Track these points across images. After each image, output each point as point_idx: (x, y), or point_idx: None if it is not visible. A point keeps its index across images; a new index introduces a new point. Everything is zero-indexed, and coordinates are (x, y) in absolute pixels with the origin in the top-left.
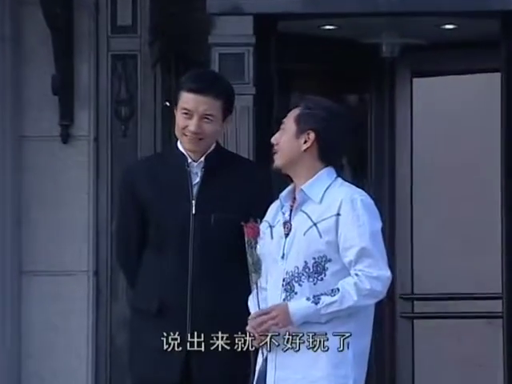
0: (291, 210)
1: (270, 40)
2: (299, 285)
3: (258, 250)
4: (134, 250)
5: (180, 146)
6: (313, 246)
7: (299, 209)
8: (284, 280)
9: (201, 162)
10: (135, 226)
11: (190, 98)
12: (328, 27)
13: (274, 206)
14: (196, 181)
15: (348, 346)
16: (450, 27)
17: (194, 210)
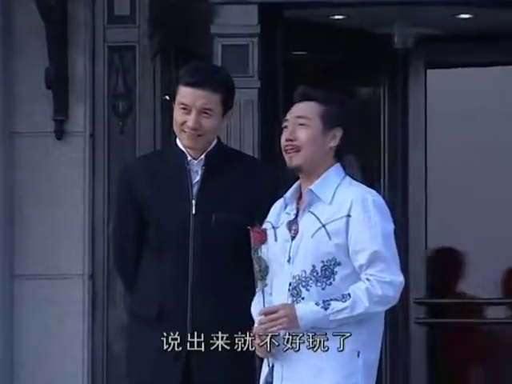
0: (297, 210)
1: (276, 30)
2: (306, 290)
3: (265, 255)
4: (132, 252)
5: (179, 143)
6: (321, 248)
7: (307, 210)
8: (290, 284)
9: (201, 159)
10: (133, 226)
11: (187, 92)
12: (337, 17)
13: (276, 206)
14: (196, 179)
15: (358, 354)
16: (466, 17)
17: (194, 210)
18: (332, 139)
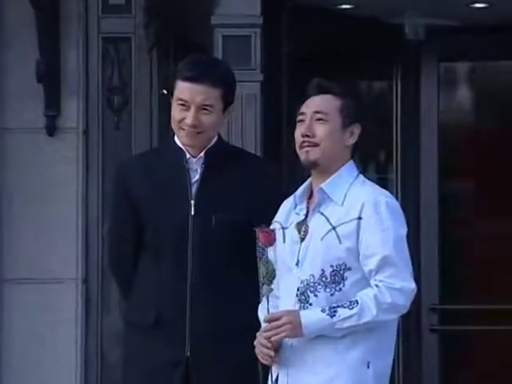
0: (308, 210)
1: (280, 20)
2: (315, 295)
3: (272, 258)
4: (128, 254)
5: (177, 141)
6: (331, 252)
7: (317, 210)
8: (298, 290)
9: (200, 157)
10: (129, 228)
11: (185, 88)
12: (345, 6)
13: (286, 205)
14: (195, 178)
15: (368, 364)
16: (482, 6)
17: (192, 210)
18: (350, 136)
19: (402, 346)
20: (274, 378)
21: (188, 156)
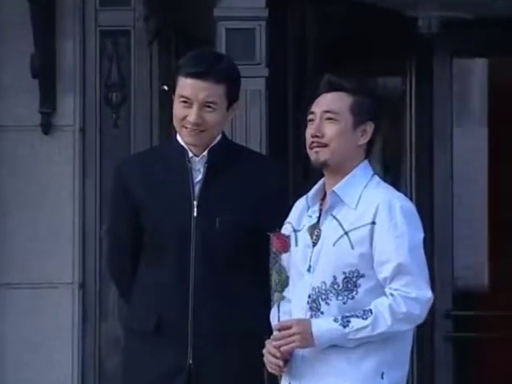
0: (320, 212)
1: (286, 12)
2: (326, 303)
3: (285, 265)
4: (128, 257)
5: (180, 139)
6: (343, 258)
7: (329, 213)
8: (309, 297)
9: (203, 156)
10: (129, 230)
11: (187, 84)
12: None
13: (298, 206)
14: (198, 178)
15: (382, 375)
16: None
17: (195, 212)
18: (363, 135)
19: (416, 354)
20: None
21: (191, 155)
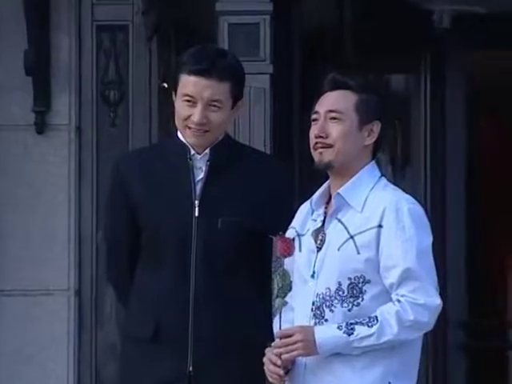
0: (325, 216)
1: (291, 7)
2: (330, 310)
3: (288, 269)
4: (125, 262)
5: (181, 136)
6: (349, 263)
7: (334, 216)
8: (313, 304)
9: (205, 154)
10: (127, 232)
11: (190, 82)
12: None
13: (303, 210)
14: (200, 177)
15: None
16: None
17: (197, 212)
18: (369, 135)
19: (426, 363)
20: None
21: (192, 152)
